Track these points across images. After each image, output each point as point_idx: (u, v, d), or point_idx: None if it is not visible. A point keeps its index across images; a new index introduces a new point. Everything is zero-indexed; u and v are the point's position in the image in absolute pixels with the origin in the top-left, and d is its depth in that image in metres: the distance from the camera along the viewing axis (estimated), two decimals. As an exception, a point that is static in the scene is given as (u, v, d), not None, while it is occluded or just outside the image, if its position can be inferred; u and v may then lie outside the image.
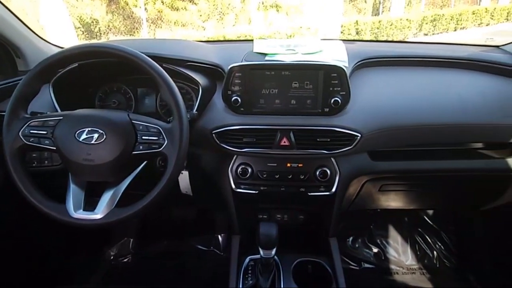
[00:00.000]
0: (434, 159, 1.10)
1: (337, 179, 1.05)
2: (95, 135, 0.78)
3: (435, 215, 1.78)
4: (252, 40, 1.15)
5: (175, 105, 0.80)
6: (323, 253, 1.17)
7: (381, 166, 1.09)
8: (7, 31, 1.14)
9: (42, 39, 1.28)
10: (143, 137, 0.81)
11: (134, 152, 0.80)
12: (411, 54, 1.15)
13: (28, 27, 1.21)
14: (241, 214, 1.19)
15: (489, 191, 1.28)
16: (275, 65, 0.97)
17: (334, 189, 1.06)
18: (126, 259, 1.73)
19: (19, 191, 0.80)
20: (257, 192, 1.07)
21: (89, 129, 0.79)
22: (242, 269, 1.11)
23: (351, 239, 1.76)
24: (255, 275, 1.07)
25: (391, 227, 1.78)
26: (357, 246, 1.75)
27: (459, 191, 1.32)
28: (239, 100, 0.96)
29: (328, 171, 1.04)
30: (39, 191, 0.81)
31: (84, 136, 0.78)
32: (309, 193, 1.07)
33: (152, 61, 0.81)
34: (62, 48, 1.29)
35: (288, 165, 1.04)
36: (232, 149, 1.00)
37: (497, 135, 1.06)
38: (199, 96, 1.00)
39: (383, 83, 1.08)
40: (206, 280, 1.59)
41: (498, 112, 1.03)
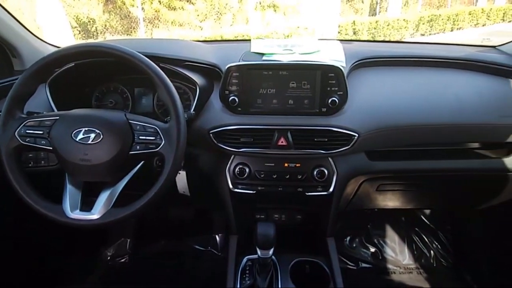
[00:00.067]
0: (431, 159, 1.11)
1: (334, 179, 1.05)
2: (92, 135, 0.78)
3: (432, 215, 1.78)
4: (249, 40, 1.15)
5: (172, 105, 0.80)
6: (320, 253, 1.17)
7: (379, 166, 1.10)
8: (3, 31, 1.13)
9: (39, 38, 1.27)
10: (140, 137, 0.80)
11: (131, 152, 0.80)
12: (408, 54, 1.15)
13: (25, 26, 1.20)
14: (239, 214, 1.19)
15: (485, 190, 1.29)
16: (272, 65, 0.97)
17: (331, 189, 1.06)
18: (123, 259, 1.73)
19: (15, 191, 0.80)
20: (254, 192, 1.07)
21: (86, 129, 0.78)
22: (239, 269, 1.11)
23: (348, 238, 1.77)
24: (252, 275, 1.07)
25: (389, 226, 1.79)
26: (354, 245, 1.75)
27: (456, 190, 1.32)
28: (237, 100, 0.96)
29: (326, 171, 1.04)
30: (35, 191, 0.81)
31: (80, 136, 0.78)
32: (306, 193, 1.07)
33: (149, 60, 0.81)
34: (58, 47, 1.29)
35: (286, 165, 1.04)
36: (229, 149, 1.00)
37: (493, 135, 1.06)
38: (197, 96, 0.99)
39: (380, 83, 1.08)
40: (203, 280, 1.59)
41: (494, 112, 1.03)
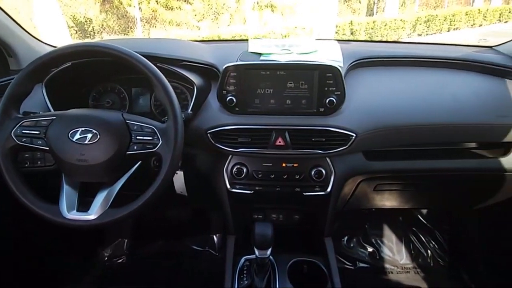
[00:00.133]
0: (429, 158, 1.11)
1: (332, 179, 1.05)
2: (89, 135, 0.78)
3: (429, 215, 1.79)
4: (247, 40, 1.15)
5: (169, 104, 0.80)
6: (318, 253, 1.17)
7: (376, 166, 1.10)
8: (-1, 30, 1.13)
9: (35, 38, 1.27)
10: (137, 137, 0.80)
11: (128, 152, 0.80)
12: (405, 54, 1.16)
13: (21, 26, 1.19)
14: (236, 214, 1.18)
15: (482, 190, 1.29)
16: (270, 65, 0.97)
17: (329, 189, 1.06)
18: (120, 260, 1.72)
19: (11, 192, 0.79)
20: (252, 192, 1.07)
21: (83, 129, 0.78)
22: (237, 269, 1.11)
23: (346, 238, 1.77)
24: (250, 275, 1.07)
25: (386, 226, 1.79)
26: (352, 245, 1.76)
27: (453, 190, 1.33)
28: (234, 100, 0.96)
29: (323, 171, 1.04)
30: (31, 191, 0.80)
31: (77, 136, 0.77)
32: (304, 193, 1.07)
33: (146, 60, 0.81)
34: (55, 47, 1.28)
35: (283, 165, 1.04)
36: (227, 149, 0.99)
37: (490, 134, 1.06)
38: (194, 96, 0.99)
39: (377, 83, 1.08)
40: (201, 281, 1.58)
41: (491, 112, 1.04)
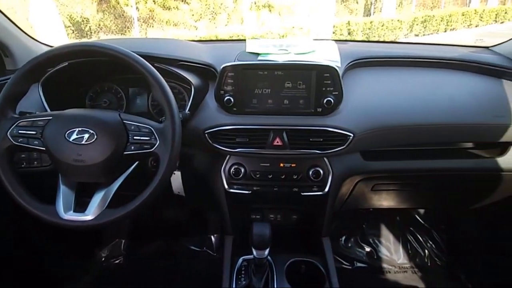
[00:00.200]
0: (426, 158, 1.11)
1: (330, 179, 1.05)
2: (86, 135, 0.77)
3: (426, 214, 1.79)
4: (244, 40, 1.15)
5: (167, 104, 0.80)
6: (316, 253, 1.17)
7: (374, 166, 1.10)
8: (-5, 30, 1.12)
9: (31, 37, 1.26)
10: (134, 137, 0.80)
11: (125, 153, 0.79)
12: (402, 54, 1.16)
13: (17, 25, 1.19)
14: (234, 214, 1.18)
15: (479, 190, 1.30)
16: (268, 65, 0.97)
17: (327, 189, 1.06)
18: (117, 260, 1.71)
19: (7, 192, 0.79)
20: (250, 192, 1.07)
21: (80, 129, 0.78)
22: (235, 270, 1.11)
23: (343, 238, 1.77)
24: (248, 275, 1.07)
25: (383, 226, 1.79)
26: (349, 245, 1.76)
27: (450, 190, 1.33)
28: (232, 100, 0.96)
29: (321, 171, 1.04)
30: (28, 192, 0.80)
31: (74, 136, 0.77)
32: (302, 193, 1.07)
33: (143, 60, 0.80)
34: (51, 47, 1.27)
35: (281, 165, 1.04)
36: (224, 149, 0.99)
37: (487, 134, 1.07)
38: (192, 96, 0.99)
39: (375, 83, 1.08)
40: (199, 281, 1.58)
41: (488, 112, 1.04)
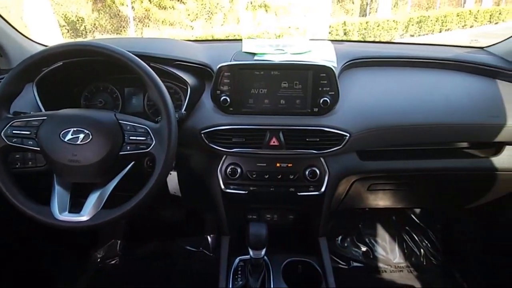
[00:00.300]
0: (421, 158, 1.12)
1: (326, 178, 1.05)
2: (81, 136, 0.77)
3: (422, 214, 1.80)
4: (240, 40, 1.15)
5: (163, 104, 0.79)
6: (312, 253, 1.18)
7: (370, 166, 1.10)
8: (-12, 29, 1.11)
9: (26, 37, 1.25)
10: (130, 137, 0.79)
11: (121, 153, 0.79)
12: (398, 54, 1.16)
13: (11, 24, 1.17)
14: (231, 215, 1.18)
15: (474, 189, 1.31)
16: (264, 64, 0.97)
17: (323, 189, 1.06)
18: (113, 261, 1.71)
19: (1, 193, 0.78)
20: (246, 192, 1.07)
21: (75, 129, 0.77)
22: (231, 270, 1.11)
23: (340, 238, 1.77)
24: (245, 275, 1.07)
25: (379, 226, 1.80)
26: (346, 245, 1.76)
27: (446, 190, 1.34)
28: (228, 100, 0.96)
29: (317, 171, 1.04)
30: (22, 192, 0.79)
31: (69, 136, 0.77)
32: (298, 193, 1.07)
33: (139, 60, 0.80)
34: (46, 46, 1.26)
35: (278, 165, 1.04)
36: (221, 149, 0.99)
37: (482, 134, 1.07)
38: (188, 96, 0.99)
39: (371, 83, 1.09)
40: (195, 281, 1.58)
41: (483, 112, 1.05)
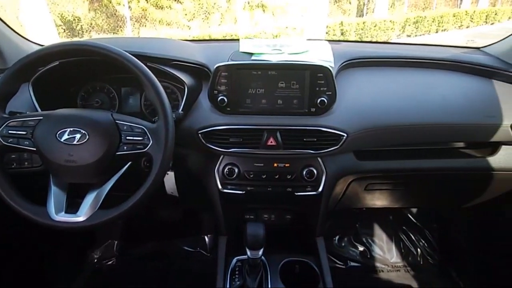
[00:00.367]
0: (418, 158, 1.12)
1: (323, 178, 1.06)
2: (77, 136, 0.76)
3: (419, 214, 1.81)
4: (238, 40, 1.14)
5: (160, 104, 0.79)
6: (310, 253, 1.18)
7: (367, 166, 1.10)
8: (-16, 28, 1.10)
9: (21, 36, 1.24)
10: (127, 138, 0.79)
11: (118, 153, 0.79)
12: (395, 55, 1.17)
13: (6, 24, 1.17)
14: (228, 215, 1.18)
15: (471, 189, 1.31)
16: (261, 64, 0.97)
17: (320, 189, 1.06)
18: (110, 261, 1.70)
19: None
20: (244, 192, 1.07)
21: (71, 129, 0.77)
22: (229, 270, 1.11)
23: (337, 238, 1.78)
24: (242, 275, 1.07)
25: (376, 225, 1.81)
26: (343, 245, 1.77)
27: (442, 189, 1.34)
28: (226, 100, 0.95)
29: (315, 171, 1.04)
30: (18, 193, 0.79)
31: (65, 136, 0.76)
32: (296, 193, 1.07)
33: (136, 59, 0.80)
34: (42, 46, 1.25)
35: (275, 165, 1.04)
36: (218, 149, 0.99)
37: (478, 134, 1.08)
38: (185, 96, 0.98)
39: (368, 83, 1.09)
40: (193, 282, 1.57)
41: (479, 112, 1.05)
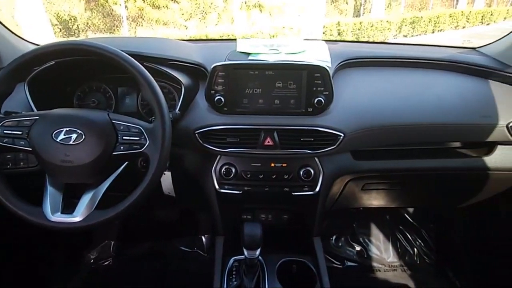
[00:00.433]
0: (415, 158, 1.12)
1: (320, 178, 1.06)
2: (74, 136, 0.76)
3: (415, 213, 1.82)
4: (235, 40, 1.14)
5: (157, 104, 0.79)
6: (307, 253, 1.18)
7: (364, 166, 1.11)
8: (-21, 28, 1.09)
9: (17, 36, 1.23)
10: (124, 138, 0.79)
11: (114, 153, 0.78)
12: (391, 55, 1.17)
13: (2, 23, 1.16)
14: (225, 215, 1.18)
15: (467, 189, 1.32)
16: (258, 64, 0.97)
17: (317, 189, 1.06)
18: (107, 262, 1.69)
19: None
20: (241, 192, 1.06)
21: (67, 129, 0.76)
22: (226, 270, 1.11)
23: (334, 238, 1.78)
24: (239, 275, 1.07)
25: (373, 225, 1.81)
26: (340, 244, 1.77)
27: (439, 189, 1.35)
28: (223, 100, 0.95)
29: (312, 171, 1.04)
30: (14, 193, 0.78)
31: (62, 136, 0.76)
32: (293, 193, 1.07)
33: (132, 59, 0.80)
34: (38, 45, 1.24)
35: (272, 165, 1.04)
36: (215, 149, 0.99)
37: (474, 134, 1.08)
38: (182, 96, 0.98)
39: (365, 83, 1.09)
40: (190, 282, 1.57)
41: (475, 112, 1.06)
